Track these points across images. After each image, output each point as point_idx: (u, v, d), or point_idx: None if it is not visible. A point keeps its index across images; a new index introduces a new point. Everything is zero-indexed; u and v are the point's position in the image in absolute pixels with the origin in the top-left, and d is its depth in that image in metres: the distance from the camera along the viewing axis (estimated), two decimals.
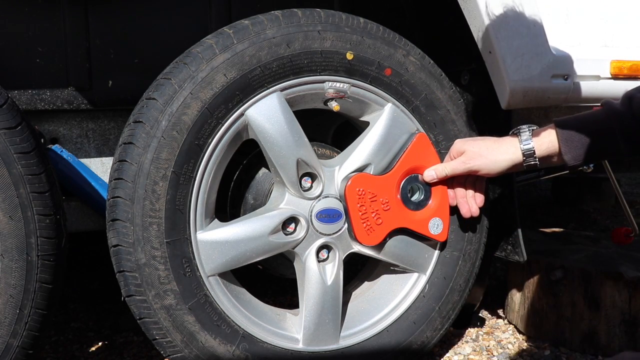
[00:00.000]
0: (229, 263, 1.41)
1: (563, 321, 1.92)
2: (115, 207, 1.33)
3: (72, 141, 1.64)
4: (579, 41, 1.72)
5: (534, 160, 1.36)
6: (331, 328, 1.50)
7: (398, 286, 1.61)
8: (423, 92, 1.53)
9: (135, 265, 1.33)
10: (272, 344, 1.46)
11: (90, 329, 2.10)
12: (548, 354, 1.89)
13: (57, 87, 1.57)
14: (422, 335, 1.60)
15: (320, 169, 1.46)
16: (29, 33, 1.54)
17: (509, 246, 1.70)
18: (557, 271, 1.90)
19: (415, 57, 1.51)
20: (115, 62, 1.61)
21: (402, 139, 1.52)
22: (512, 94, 1.54)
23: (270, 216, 1.43)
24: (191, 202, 1.36)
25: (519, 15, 1.54)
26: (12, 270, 1.25)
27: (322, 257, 1.49)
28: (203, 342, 1.39)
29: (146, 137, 1.32)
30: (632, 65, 1.69)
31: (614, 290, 1.85)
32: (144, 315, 1.36)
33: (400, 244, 1.54)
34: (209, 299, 1.39)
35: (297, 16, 1.41)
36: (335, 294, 1.50)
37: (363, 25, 1.46)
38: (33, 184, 1.25)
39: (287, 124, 1.40)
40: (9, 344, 1.27)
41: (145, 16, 1.63)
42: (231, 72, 1.35)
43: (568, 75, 1.60)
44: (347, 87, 1.46)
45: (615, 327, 1.86)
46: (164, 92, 1.33)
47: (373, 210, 1.47)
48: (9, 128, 1.24)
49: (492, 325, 2.11)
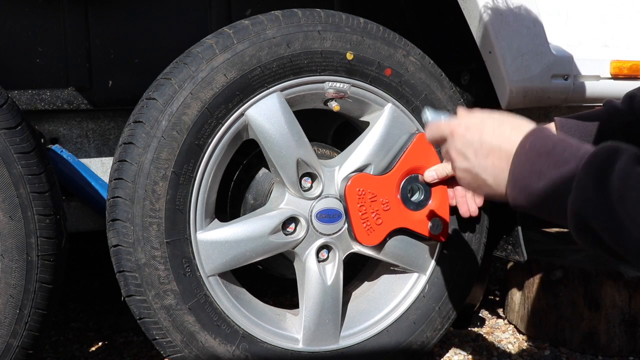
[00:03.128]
0: (229, 263, 1.41)
1: (563, 321, 1.92)
2: (115, 207, 1.33)
3: (72, 141, 1.64)
4: (579, 41, 1.72)
5: None
6: (331, 328, 1.50)
7: (398, 286, 1.61)
8: (423, 92, 1.53)
9: (135, 265, 1.33)
10: (272, 344, 1.46)
11: (90, 329, 2.10)
12: (548, 354, 1.89)
13: (57, 87, 1.57)
14: (422, 335, 1.60)
15: (320, 169, 1.46)
16: (29, 33, 1.54)
17: (509, 246, 1.70)
18: (557, 271, 1.90)
19: (415, 57, 1.51)
20: (115, 62, 1.61)
21: (402, 139, 1.52)
22: (512, 94, 1.55)
23: (270, 216, 1.43)
24: (191, 202, 1.36)
25: (519, 15, 1.54)
26: (12, 270, 1.25)
27: (322, 257, 1.49)
28: (203, 342, 1.39)
29: (146, 137, 1.32)
30: (632, 65, 1.69)
31: (614, 290, 1.85)
32: (144, 315, 1.36)
33: (400, 244, 1.54)
34: (209, 299, 1.39)
35: (297, 16, 1.41)
36: (335, 294, 1.50)
37: (363, 25, 1.46)
38: (33, 184, 1.25)
39: (287, 124, 1.40)
40: (9, 344, 1.27)
41: (145, 16, 1.63)
42: (231, 72, 1.35)
43: (568, 75, 1.61)
44: (347, 87, 1.46)
45: (615, 327, 1.86)
46: (164, 92, 1.33)
47: (373, 210, 1.47)
48: (9, 128, 1.24)
49: (492, 325, 2.11)
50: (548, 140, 0.84)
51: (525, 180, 0.84)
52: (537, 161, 0.83)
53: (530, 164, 0.84)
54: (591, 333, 1.88)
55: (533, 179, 0.83)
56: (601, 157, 0.76)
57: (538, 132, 0.86)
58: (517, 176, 0.86)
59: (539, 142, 0.84)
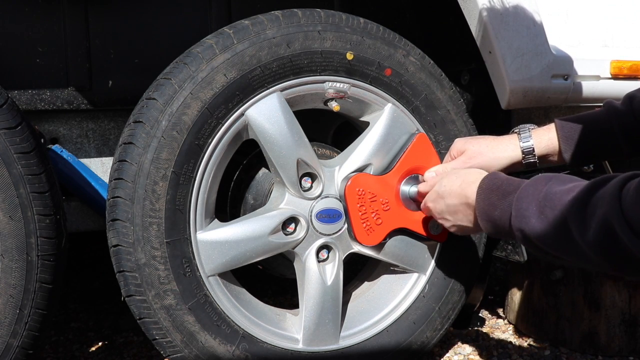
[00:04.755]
0: (229, 263, 1.41)
1: (563, 321, 1.92)
2: (115, 207, 1.33)
3: (72, 141, 1.64)
4: (579, 41, 1.72)
5: (534, 158, 1.36)
6: (331, 328, 1.50)
7: (398, 286, 1.61)
8: (423, 93, 1.53)
9: (135, 265, 1.33)
10: (272, 344, 1.46)
11: (90, 329, 2.10)
12: (548, 354, 1.89)
13: (57, 87, 1.57)
14: (422, 336, 1.60)
15: (320, 169, 1.46)
16: (29, 33, 1.54)
17: (509, 246, 1.70)
18: (557, 271, 1.90)
19: (415, 57, 1.51)
20: (115, 62, 1.61)
21: (402, 139, 1.52)
22: (512, 94, 1.55)
23: (270, 216, 1.43)
24: (191, 202, 1.36)
25: (519, 15, 1.54)
26: (12, 270, 1.25)
27: (322, 257, 1.49)
28: (203, 342, 1.39)
29: (146, 137, 1.32)
30: (632, 65, 1.69)
31: (614, 290, 1.85)
32: (144, 315, 1.36)
33: (400, 244, 1.54)
34: (208, 299, 1.39)
35: (297, 16, 1.41)
36: (335, 294, 1.50)
37: (363, 25, 1.46)
38: (33, 184, 1.25)
39: (287, 124, 1.40)
40: (9, 344, 1.27)
41: (145, 16, 1.63)
42: (231, 72, 1.35)
43: (568, 75, 1.60)
44: (347, 87, 1.46)
45: (615, 327, 1.86)
46: (164, 92, 1.33)
47: (373, 210, 1.47)
48: (9, 128, 1.24)
49: (492, 325, 2.11)
50: (497, 179, 1.14)
51: (487, 212, 1.13)
52: (491, 195, 1.12)
53: (488, 199, 1.13)
54: (591, 333, 1.88)
55: (491, 209, 1.12)
56: (534, 181, 1.05)
57: (490, 175, 1.17)
58: (480, 210, 1.15)
59: (491, 182, 1.14)
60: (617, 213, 0.87)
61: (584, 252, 0.94)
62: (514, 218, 1.06)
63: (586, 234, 0.91)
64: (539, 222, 1.00)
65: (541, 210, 1.00)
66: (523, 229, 1.04)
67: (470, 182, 1.20)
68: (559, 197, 0.98)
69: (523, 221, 1.04)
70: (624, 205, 0.87)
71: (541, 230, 1.00)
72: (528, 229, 1.02)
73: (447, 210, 1.26)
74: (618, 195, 0.88)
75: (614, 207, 0.87)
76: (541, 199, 1.01)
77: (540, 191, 1.02)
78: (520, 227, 1.04)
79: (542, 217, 1.00)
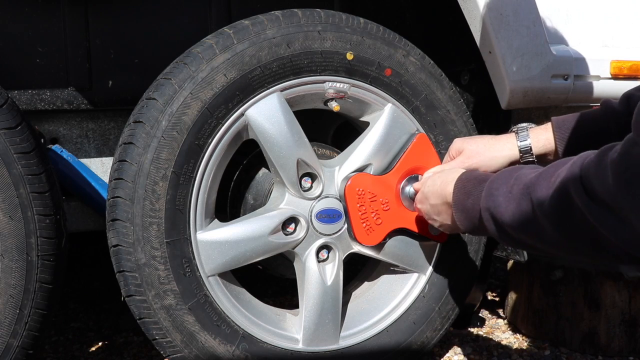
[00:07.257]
0: (229, 263, 1.41)
1: (563, 321, 1.92)
2: (115, 207, 1.33)
3: (72, 141, 1.64)
4: (579, 41, 1.72)
5: (531, 158, 1.36)
6: (331, 328, 1.50)
7: (398, 286, 1.61)
8: (423, 93, 1.53)
9: (135, 265, 1.33)
10: (272, 344, 1.46)
11: (90, 329, 2.10)
12: (548, 354, 1.89)
13: (57, 87, 1.57)
14: (422, 336, 1.60)
15: (320, 169, 1.46)
16: (29, 33, 1.54)
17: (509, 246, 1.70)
18: (557, 271, 1.90)
19: (415, 57, 1.51)
20: (115, 62, 1.61)
21: (402, 139, 1.52)
22: (512, 94, 1.55)
23: (270, 216, 1.43)
24: (191, 202, 1.36)
25: (519, 15, 1.54)
26: (12, 270, 1.25)
27: (322, 257, 1.49)
28: (203, 342, 1.39)
29: (146, 137, 1.32)
30: (632, 65, 1.69)
31: (614, 290, 1.85)
32: (144, 315, 1.36)
33: (400, 244, 1.54)
34: (208, 299, 1.39)
35: (297, 16, 1.41)
36: (335, 294, 1.50)
37: (363, 25, 1.46)
38: (33, 184, 1.25)
39: (287, 124, 1.40)
40: (9, 344, 1.27)
41: (145, 16, 1.63)
42: (231, 72, 1.35)
43: (568, 75, 1.61)
44: (347, 88, 1.46)
45: (615, 327, 1.86)
46: (164, 92, 1.33)
47: (373, 210, 1.47)
48: (9, 128, 1.24)
49: (492, 325, 2.11)
50: (474, 172, 1.20)
51: (461, 201, 1.16)
52: (466, 185, 1.16)
53: (463, 188, 1.17)
54: (591, 333, 1.88)
55: (464, 198, 1.15)
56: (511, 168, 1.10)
57: (468, 171, 1.23)
58: (455, 202, 1.18)
59: (469, 175, 1.19)
60: (574, 177, 0.87)
61: (543, 229, 0.94)
62: (483, 199, 1.07)
63: (543, 204, 0.92)
64: (505, 199, 1.01)
65: (510, 189, 1.01)
66: (489, 207, 1.05)
67: (449, 181, 1.22)
68: (526, 174, 1.00)
69: (490, 199, 1.05)
70: (583, 170, 0.87)
71: (505, 207, 1.01)
72: (494, 206, 1.03)
73: (432, 210, 1.29)
74: (580, 162, 0.89)
75: (573, 172, 0.87)
76: (512, 181, 1.02)
77: (512, 176, 1.03)
78: (487, 205, 1.05)
79: (509, 195, 1.00)
